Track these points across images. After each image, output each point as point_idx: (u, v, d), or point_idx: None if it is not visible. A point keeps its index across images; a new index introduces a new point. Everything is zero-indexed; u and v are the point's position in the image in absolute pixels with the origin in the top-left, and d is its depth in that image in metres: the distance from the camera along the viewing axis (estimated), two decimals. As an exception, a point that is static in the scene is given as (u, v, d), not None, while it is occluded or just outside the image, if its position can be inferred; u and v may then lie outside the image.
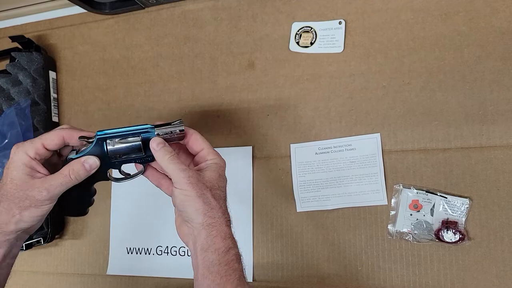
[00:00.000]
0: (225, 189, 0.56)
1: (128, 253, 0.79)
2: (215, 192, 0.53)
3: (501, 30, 0.63)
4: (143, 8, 0.84)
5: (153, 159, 0.55)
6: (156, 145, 0.54)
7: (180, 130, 0.55)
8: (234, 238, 0.53)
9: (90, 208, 0.61)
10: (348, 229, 0.68)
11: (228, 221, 0.53)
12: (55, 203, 0.54)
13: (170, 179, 0.54)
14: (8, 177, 0.52)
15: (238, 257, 0.52)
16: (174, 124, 0.55)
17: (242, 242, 0.72)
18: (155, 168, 0.59)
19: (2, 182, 0.52)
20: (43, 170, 0.53)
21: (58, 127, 0.56)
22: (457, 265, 0.62)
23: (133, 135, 0.55)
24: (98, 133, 0.55)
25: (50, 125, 0.85)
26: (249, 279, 0.71)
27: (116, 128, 0.55)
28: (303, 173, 0.70)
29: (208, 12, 0.80)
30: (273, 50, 0.75)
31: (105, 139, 0.55)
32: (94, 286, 0.81)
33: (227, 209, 0.54)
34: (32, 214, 0.52)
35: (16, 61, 0.86)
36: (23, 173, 0.52)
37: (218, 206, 0.52)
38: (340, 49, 0.71)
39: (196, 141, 0.57)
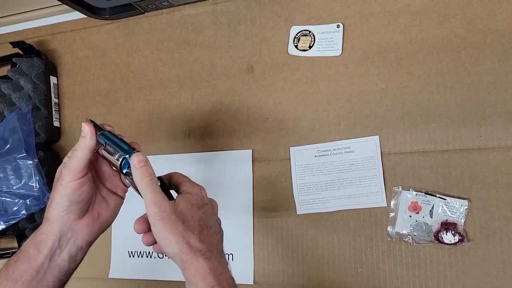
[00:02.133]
0: (201, 217, 0.51)
1: (130, 256, 0.80)
2: (188, 224, 0.49)
3: (498, 32, 0.64)
4: (143, 13, 0.84)
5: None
6: (137, 162, 0.50)
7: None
8: (218, 270, 0.48)
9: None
10: (348, 231, 0.68)
11: (207, 252, 0.49)
12: (82, 183, 0.51)
13: None
14: None
15: None
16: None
17: (242, 245, 0.73)
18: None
19: None
20: None
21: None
22: (457, 266, 0.62)
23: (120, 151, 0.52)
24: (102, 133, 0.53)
25: (52, 130, 0.86)
26: (250, 282, 0.71)
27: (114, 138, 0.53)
28: (303, 176, 0.71)
29: (207, 17, 0.80)
30: (272, 53, 0.75)
31: (102, 133, 0.53)
32: (96, 289, 0.81)
33: (202, 240, 0.50)
34: (58, 194, 0.51)
35: (17, 66, 0.86)
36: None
37: (192, 240, 0.49)
38: (339, 52, 0.71)
39: (175, 176, 0.56)
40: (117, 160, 0.52)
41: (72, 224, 0.52)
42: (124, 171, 0.52)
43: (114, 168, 0.56)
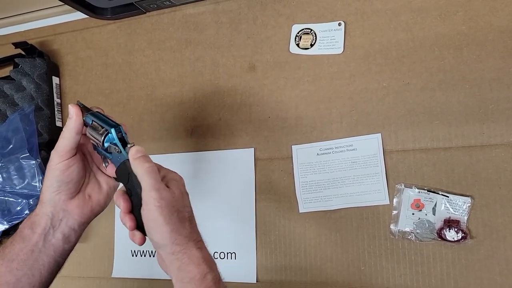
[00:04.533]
0: (189, 207, 0.52)
1: (133, 256, 0.80)
2: (182, 214, 0.50)
3: (500, 28, 0.64)
4: (144, 13, 0.84)
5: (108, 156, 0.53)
6: (135, 152, 0.50)
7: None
8: (209, 259, 0.50)
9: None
10: (350, 229, 0.68)
11: (198, 242, 0.50)
12: (70, 164, 0.52)
13: None
14: None
15: (216, 280, 0.49)
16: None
17: (245, 244, 0.73)
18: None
19: None
20: None
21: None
22: (460, 263, 0.62)
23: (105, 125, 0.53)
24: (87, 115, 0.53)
25: (54, 130, 0.86)
26: (253, 280, 0.71)
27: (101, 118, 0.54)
28: (305, 174, 0.71)
29: (208, 16, 0.80)
30: (273, 52, 0.75)
31: (90, 113, 0.54)
32: (99, 289, 0.81)
33: (194, 229, 0.51)
34: (48, 176, 0.52)
35: (19, 67, 0.87)
36: None
37: (185, 229, 0.49)
38: (340, 50, 0.71)
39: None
40: (101, 135, 0.52)
41: (63, 205, 0.53)
42: (106, 145, 0.52)
43: (97, 150, 0.56)
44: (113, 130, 0.52)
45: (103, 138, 0.52)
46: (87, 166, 0.56)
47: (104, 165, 0.57)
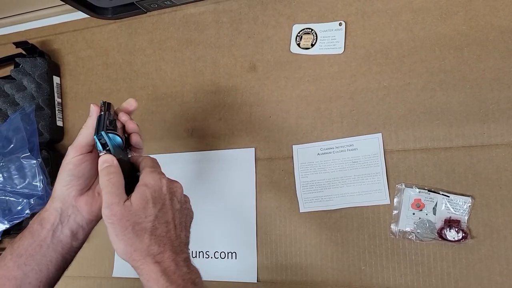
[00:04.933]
0: (156, 215, 0.49)
1: (133, 255, 0.80)
2: (140, 226, 0.47)
3: (501, 28, 0.64)
4: (145, 13, 0.84)
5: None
6: (101, 162, 0.50)
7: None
8: (172, 270, 0.47)
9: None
10: (351, 229, 0.68)
11: (158, 255, 0.47)
12: (84, 159, 0.53)
13: None
14: None
15: None
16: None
17: (245, 244, 0.73)
18: None
19: None
20: None
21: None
22: (460, 263, 0.62)
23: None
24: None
25: (55, 130, 0.86)
26: (254, 280, 0.71)
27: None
28: (306, 174, 0.71)
29: (209, 16, 0.80)
30: (274, 52, 0.75)
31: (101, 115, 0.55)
32: (100, 288, 0.81)
33: (153, 241, 0.47)
34: (61, 170, 0.53)
35: (20, 66, 0.87)
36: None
37: (142, 244, 0.47)
38: (341, 50, 0.71)
39: (144, 161, 0.53)
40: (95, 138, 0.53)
41: (73, 201, 0.54)
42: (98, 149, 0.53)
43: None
44: (95, 136, 0.52)
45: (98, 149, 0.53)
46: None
47: None
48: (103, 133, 0.52)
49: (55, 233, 0.53)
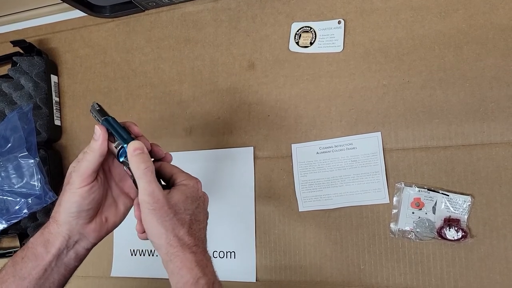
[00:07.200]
0: (193, 211, 0.52)
1: (132, 255, 0.80)
2: (180, 216, 0.49)
3: (501, 27, 0.63)
4: (143, 11, 0.84)
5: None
6: (133, 150, 0.49)
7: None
8: (203, 263, 0.49)
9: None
10: (350, 228, 0.68)
11: (193, 247, 0.49)
12: (92, 190, 0.51)
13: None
14: None
15: (210, 285, 0.49)
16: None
17: (244, 243, 0.73)
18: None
19: None
20: None
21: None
22: (460, 262, 0.62)
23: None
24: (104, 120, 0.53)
25: (53, 129, 0.85)
26: (252, 279, 0.71)
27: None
28: (305, 173, 0.71)
29: (207, 14, 0.80)
30: (273, 50, 0.75)
31: (106, 119, 0.53)
32: (98, 288, 0.81)
33: (191, 233, 0.50)
34: (67, 199, 0.50)
35: (17, 65, 0.86)
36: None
37: (181, 232, 0.49)
38: (340, 49, 0.71)
39: (166, 167, 0.54)
40: (116, 148, 0.51)
41: (80, 229, 0.52)
42: (121, 160, 0.51)
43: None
44: (126, 146, 0.50)
45: (117, 152, 0.51)
46: (106, 184, 0.55)
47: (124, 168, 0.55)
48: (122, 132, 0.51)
49: (60, 257, 0.52)
